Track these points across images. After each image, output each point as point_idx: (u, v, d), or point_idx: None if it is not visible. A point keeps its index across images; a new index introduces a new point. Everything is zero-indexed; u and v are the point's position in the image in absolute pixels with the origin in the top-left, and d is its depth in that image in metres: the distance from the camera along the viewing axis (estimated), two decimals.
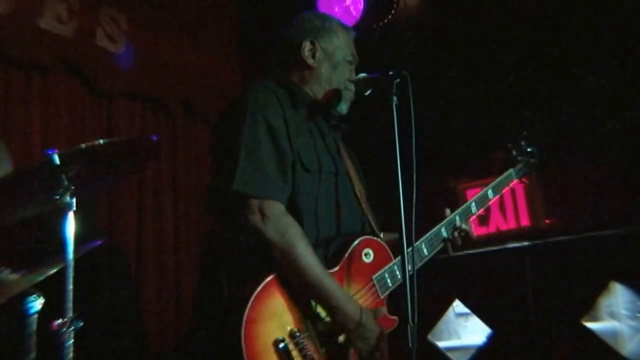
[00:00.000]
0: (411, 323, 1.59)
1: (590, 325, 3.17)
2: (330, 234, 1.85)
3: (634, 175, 3.30)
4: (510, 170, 2.40)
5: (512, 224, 3.50)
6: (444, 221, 2.08)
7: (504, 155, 3.72)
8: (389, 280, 1.87)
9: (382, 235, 1.99)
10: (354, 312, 1.73)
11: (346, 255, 1.83)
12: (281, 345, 1.64)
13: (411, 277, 1.64)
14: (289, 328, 1.68)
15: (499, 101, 3.73)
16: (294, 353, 1.65)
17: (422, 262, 1.98)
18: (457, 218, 2.10)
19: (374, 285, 1.85)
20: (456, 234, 2.08)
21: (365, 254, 1.86)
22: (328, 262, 1.82)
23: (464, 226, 2.09)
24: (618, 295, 3.20)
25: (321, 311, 1.75)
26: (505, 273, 3.35)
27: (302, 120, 1.92)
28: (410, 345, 1.58)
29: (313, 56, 2.00)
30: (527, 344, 3.24)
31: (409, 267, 1.65)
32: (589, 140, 3.43)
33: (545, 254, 3.29)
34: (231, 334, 1.61)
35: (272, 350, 1.63)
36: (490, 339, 3.43)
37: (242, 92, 1.91)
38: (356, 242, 1.85)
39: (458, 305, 3.65)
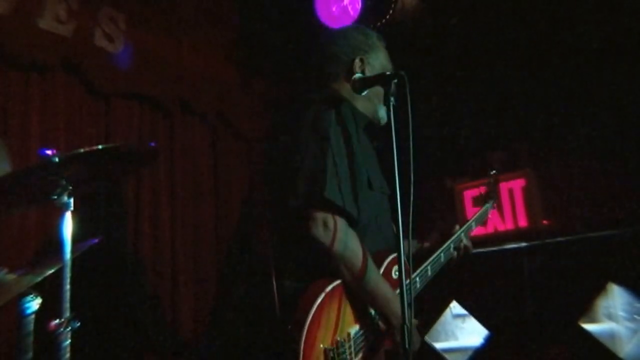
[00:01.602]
0: (407, 324, 1.61)
1: (587, 326, 3.18)
2: (375, 249, 1.93)
3: (632, 176, 3.30)
4: (487, 206, 2.67)
5: (509, 225, 3.50)
6: (444, 246, 2.20)
7: (501, 155, 3.74)
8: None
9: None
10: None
11: (380, 271, 1.91)
12: (330, 354, 1.72)
13: (408, 281, 1.70)
14: (338, 338, 1.76)
15: (497, 101, 3.74)
16: None
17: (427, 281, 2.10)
18: (452, 245, 2.24)
19: None
20: (456, 253, 2.26)
21: (395, 271, 1.95)
22: None
23: (463, 242, 2.29)
24: (616, 297, 3.20)
25: (370, 322, 1.85)
26: (502, 274, 3.36)
27: (363, 137, 2.00)
28: (406, 346, 1.60)
29: (363, 72, 2.04)
30: (525, 344, 3.24)
31: (407, 274, 1.70)
32: (587, 141, 3.44)
33: (543, 255, 3.30)
34: (289, 340, 1.68)
35: (322, 358, 1.71)
36: (488, 340, 3.43)
37: (320, 105, 1.94)
38: (389, 259, 1.95)
39: (455, 307, 3.65)
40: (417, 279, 2.05)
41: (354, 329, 1.82)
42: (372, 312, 1.88)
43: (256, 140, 3.98)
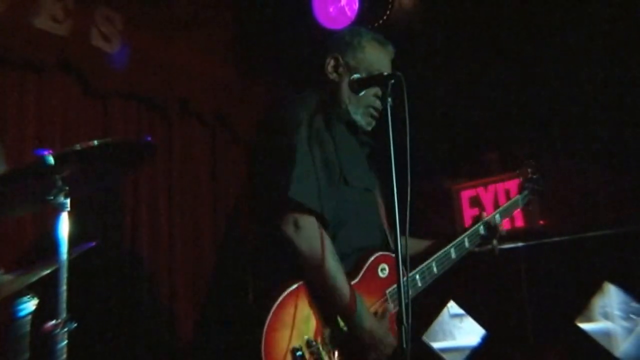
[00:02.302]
0: (405, 324, 1.60)
1: (584, 325, 3.19)
2: (357, 246, 1.92)
3: (627, 176, 3.31)
4: (517, 197, 2.50)
5: (506, 225, 3.50)
6: (454, 242, 2.14)
7: (497, 156, 3.75)
8: None
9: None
10: (373, 327, 1.80)
11: (364, 269, 1.90)
12: (298, 353, 1.70)
13: (405, 281, 1.68)
14: (306, 337, 1.73)
15: (494, 103, 3.75)
16: None
17: (431, 280, 2.05)
18: (466, 240, 2.19)
19: (386, 299, 1.91)
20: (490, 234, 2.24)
21: (382, 269, 1.93)
22: (351, 273, 1.89)
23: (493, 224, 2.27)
24: (611, 296, 3.21)
25: (339, 322, 1.81)
26: (499, 274, 3.36)
27: (341, 135, 1.98)
28: (404, 346, 1.60)
29: (336, 71, 2.03)
30: (522, 344, 3.25)
31: (404, 272, 1.68)
32: (582, 141, 3.45)
33: (540, 255, 3.30)
34: (252, 339, 1.67)
35: (289, 357, 1.69)
36: (485, 339, 3.44)
37: (292, 104, 1.96)
38: (374, 256, 1.92)
39: (452, 306, 3.66)
40: (417, 276, 2.02)
41: (330, 328, 1.79)
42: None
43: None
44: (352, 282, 1.84)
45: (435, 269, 2.07)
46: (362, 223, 1.96)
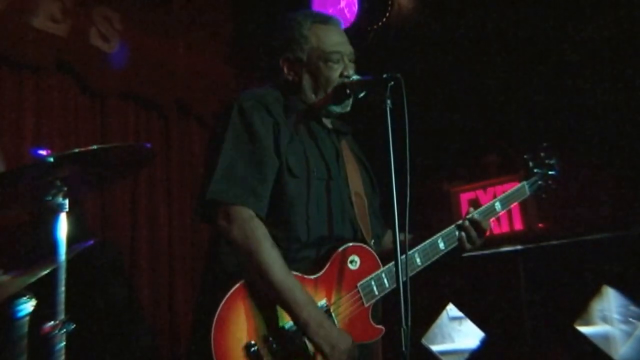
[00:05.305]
0: (405, 327, 1.59)
1: (583, 329, 3.19)
2: (320, 238, 1.85)
3: (626, 180, 3.32)
4: (523, 183, 2.22)
5: (505, 228, 3.51)
6: (442, 232, 2.00)
7: (496, 158, 3.75)
8: (375, 289, 1.85)
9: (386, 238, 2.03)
10: (315, 316, 1.71)
11: (330, 260, 1.82)
12: (252, 349, 1.64)
13: (405, 280, 1.66)
14: (261, 333, 1.67)
15: (492, 105, 3.75)
16: (266, 359, 1.65)
17: (415, 271, 1.93)
18: (457, 231, 2.02)
19: (358, 292, 1.83)
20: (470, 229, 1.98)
21: (351, 261, 1.85)
22: (315, 266, 1.82)
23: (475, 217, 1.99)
24: (610, 299, 3.21)
25: (284, 321, 1.73)
26: (498, 276, 3.36)
27: (294, 126, 1.92)
28: (404, 349, 1.59)
29: (292, 70, 1.98)
30: (520, 347, 3.25)
31: (402, 272, 1.65)
32: (581, 144, 3.45)
33: (538, 258, 3.30)
34: (202, 339, 1.62)
35: (242, 354, 1.63)
36: (484, 342, 3.44)
37: (231, 103, 1.90)
38: (341, 248, 1.84)
39: (451, 309, 3.65)
40: (416, 254, 1.91)
41: (290, 322, 1.71)
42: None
43: None
44: (316, 275, 1.78)
45: (441, 245, 1.95)
46: (324, 214, 1.87)
